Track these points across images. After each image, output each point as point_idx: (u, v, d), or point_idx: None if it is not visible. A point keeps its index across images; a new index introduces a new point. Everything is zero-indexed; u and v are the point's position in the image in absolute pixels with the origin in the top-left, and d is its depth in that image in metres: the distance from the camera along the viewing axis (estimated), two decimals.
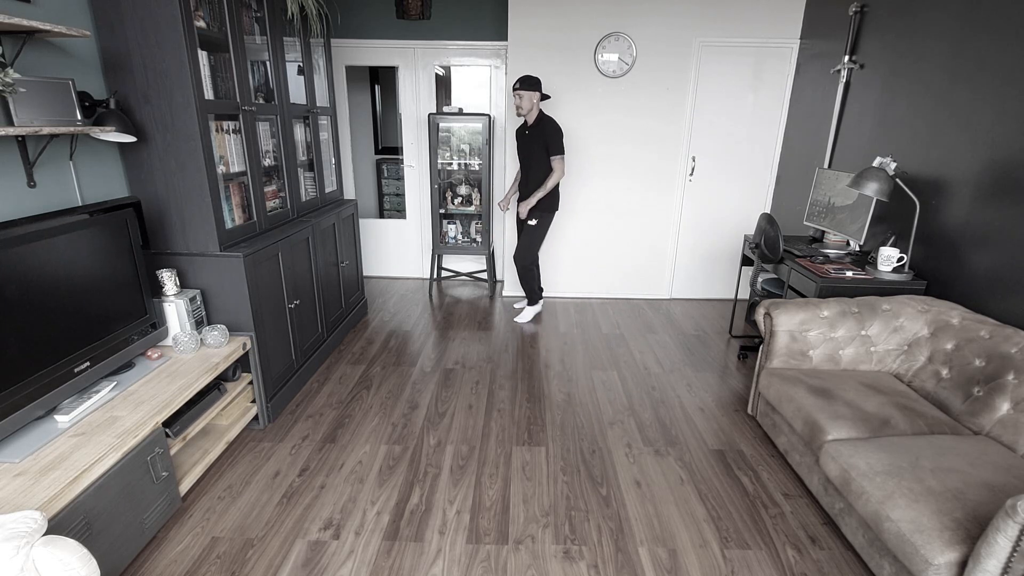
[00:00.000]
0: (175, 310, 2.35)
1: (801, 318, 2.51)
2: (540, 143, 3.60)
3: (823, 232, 3.47)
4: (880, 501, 1.68)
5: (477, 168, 4.64)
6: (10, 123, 1.77)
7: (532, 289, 4.02)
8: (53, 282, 1.81)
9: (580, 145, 4.29)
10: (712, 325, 4.10)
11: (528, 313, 4.09)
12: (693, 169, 4.35)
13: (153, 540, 1.96)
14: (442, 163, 4.57)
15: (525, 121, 3.69)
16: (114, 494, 1.72)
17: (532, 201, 3.69)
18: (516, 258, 3.92)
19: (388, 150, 5.92)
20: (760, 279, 3.64)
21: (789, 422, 2.29)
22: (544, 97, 3.59)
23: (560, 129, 3.58)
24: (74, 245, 1.89)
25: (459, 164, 4.64)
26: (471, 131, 4.56)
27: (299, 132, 3.28)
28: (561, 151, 3.59)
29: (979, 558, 1.38)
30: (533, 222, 3.79)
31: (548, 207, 3.78)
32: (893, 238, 2.88)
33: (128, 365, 2.21)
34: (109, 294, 2.05)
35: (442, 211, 4.62)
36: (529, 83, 3.53)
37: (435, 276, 5.01)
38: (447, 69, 5.09)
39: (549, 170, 3.64)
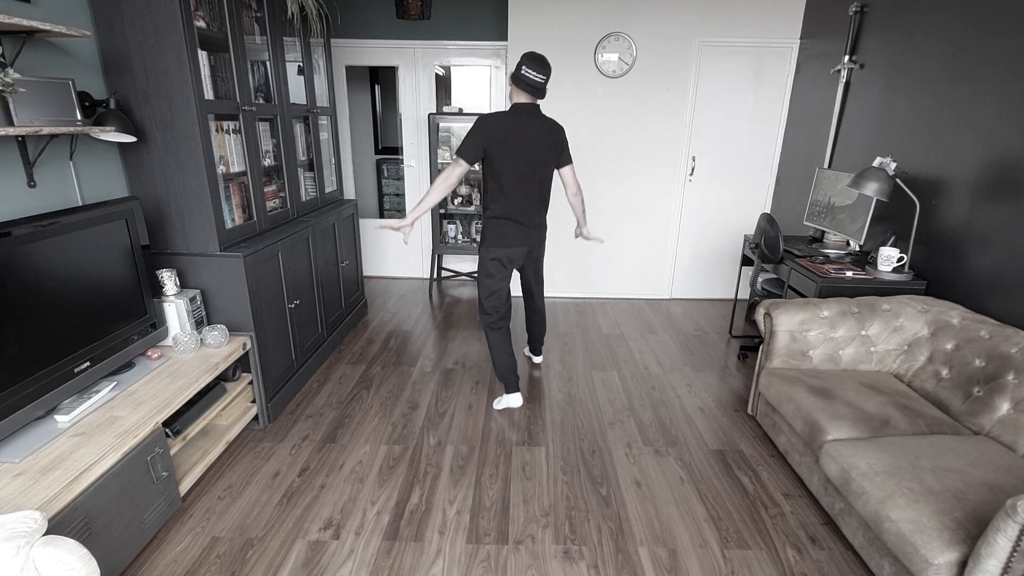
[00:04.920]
0: (175, 310, 2.35)
1: (801, 318, 2.51)
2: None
3: (823, 232, 3.47)
4: (880, 501, 1.68)
5: (477, 168, 4.64)
6: (10, 123, 1.77)
7: (498, 366, 2.84)
8: (53, 282, 1.81)
9: (580, 145, 4.29)
10: (712, 325, 4.10)
11: (503, 401, 2.89)
12: (693, 169, 4.35)
13: (153, 540, 1.96)
14: (442, 163, 4.57)
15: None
16: (114, 494, 1.72)
17: (409, 216, 2.55)
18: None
19: (388, 150, 5.92)
20: (760, 279, 3.64)
21: (789, 422, 2.29)
22: (519, 85, 2.50)
23: (480, 124, 2.49)
24: (74, 245, 1.89)
25: None
26: None
27: (299, 132, 3.28)
28: (458, 150, 2.50)
29: (979, 558, 1.38)
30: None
31: (480, 239, 2.76)
32: (893, 238, 2.88)
33: (128, 365, 2.21)
34: (109, 294, 2.05)
35: (442, 211, 4.62)
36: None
37: (435, 276, 5.01)
38: (447, 69, 5.09)
39: (483, 187, 2.69)
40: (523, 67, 2.46)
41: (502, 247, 2.68)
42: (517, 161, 2.55)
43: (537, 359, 3.42)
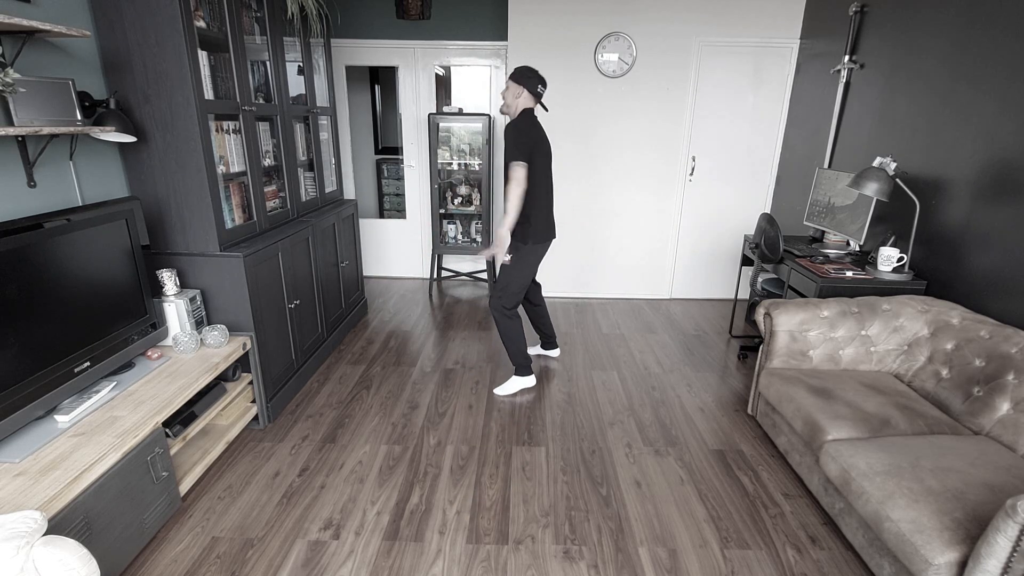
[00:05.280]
0: (175, 310, 2.35)
1: (801, 318, 2.51)
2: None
3: (823, 232, 3.47)
4: (880, 501, 1.68)
5: (477, 168, 4.64)
6: (10, 123, 1.77)
7: (515, 350, 3.01)
8: (53, 282, 1.81)
9: (580, 145, 4.29)
10: (712, 325, 4.10)
11: (512, 384, 3.05)
12: (693, 169, 4.35)
13: (153, 540, 1.96)
14: (442, 163, 4.57)
15: None
16: (114, 494, 1.72)
17: (502, 233, 2.71)
18: (492, 304, 2.95)
19: (388, 150, 5.92)
20: (760, 279, 3.64)
21: (789, 422, 2.29)
22: (536, 99, 2.74)
23: (521, 131, 2.65)
24: (74, 245, 1.89)
25: (459, 164, 4.64)
26: (471, 131, 4.56)
27: (299, 132, 3.28)
28: (516, 156, 2.61)
29: (979, 558, 1.38)
30: (506, 259, 2.86)
31: (523, 237, 2.81)
32: (893, 238, 2.88)
33: (128, 365, 2.21)
34: (109, 294, 2.05)
35: (442, 211, 4.62)
36: (520, 73, 2.70)
37: (435, 276, 5.01)
38: (447, 69, 5.09)
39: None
40: (538, 85, 2.72)
41: (547, 241, 2.91)
42: (546, 159, 2.79)
43: (555, 352, 3.51)
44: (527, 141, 2.66)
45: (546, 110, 2.89)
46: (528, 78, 2.70)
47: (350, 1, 4.38)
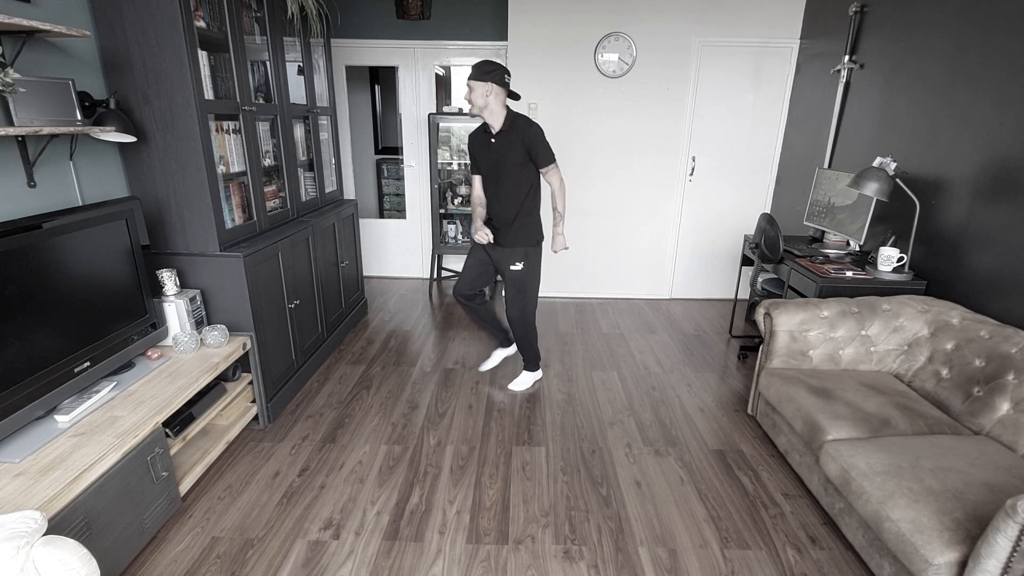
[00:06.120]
0: (175, 310, 2.35)
1: (801, 318, 2.51)
2: (517, 153, 2.62)
3: (823, 232, 3.47)
4: (880, 501, 1.68)
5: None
6: (10, 123, 1.77)
7: (534, 349, 3.09)
8: (53, 282, 1.81)
9: (580, 145, 4.29)
10: (712, 325, 4.10)
11: (527, 379, 3.13)
12: (693, 169, 4.35)
13: (153, 540, 1.96)
14: (442, 163, 4.57)
15: (485, 126, 2.71)
16: (114, 494, 1.72)
17: (562, 231, 2.84)
18: (514, 316, 2.92)
19: (388, 150, 5.92)
20: (760, 279, 3.64)
21: (789, 422, 2.29)
22: (512, 95, 2.63)
23: (541, 130, 2.63)
24: (74, 245, 1.89)
25: (459, 164, 4.64)
26: (471, 131, 4.56)
27: (299, 132, 3.28)
28: (554, 158, 2.67)
29: (979, 558, 1.38)
30: (519, 266, 2.81)
31: (534, 238, 2.81)
32: (893, 238, 2.88)
33: (128, 365, 2.20)
34: (109, 294, 2.05)
35: (442, 211, 4.62)
36: (481, 70, 2.52)
37: (435, 276, 5.01)
38: (447, 69, 5.09)
39: (532, 189, 2.72)
40: (503, 75, 2.57)
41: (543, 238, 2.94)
42: None
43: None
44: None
45: (519, 98, 2.66)
46: (491, 71, 2.51)
47: (350, 1, 4.38)
